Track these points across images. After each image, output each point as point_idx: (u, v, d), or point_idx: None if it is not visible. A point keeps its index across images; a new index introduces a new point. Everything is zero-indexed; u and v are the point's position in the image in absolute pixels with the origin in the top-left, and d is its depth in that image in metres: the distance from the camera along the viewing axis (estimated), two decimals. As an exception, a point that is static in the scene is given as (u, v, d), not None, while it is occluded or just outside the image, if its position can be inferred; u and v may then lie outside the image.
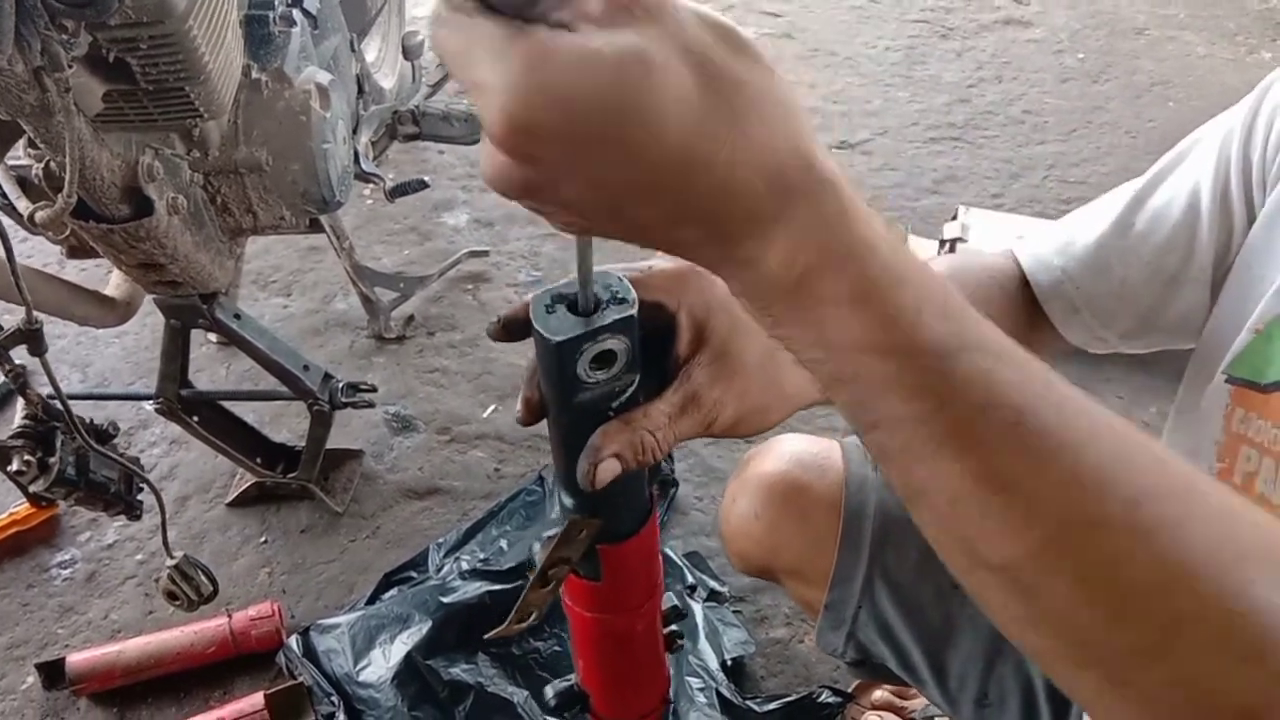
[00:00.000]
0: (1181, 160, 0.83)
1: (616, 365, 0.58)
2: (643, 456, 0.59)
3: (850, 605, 1.05)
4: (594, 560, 0.70)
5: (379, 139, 2.06)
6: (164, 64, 1.19)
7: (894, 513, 1.04)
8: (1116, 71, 3.22)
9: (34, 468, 1.28)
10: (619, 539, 0.70)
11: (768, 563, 1.14)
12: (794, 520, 1.08)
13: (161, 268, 1.41)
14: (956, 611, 1.03)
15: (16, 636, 1.74)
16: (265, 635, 1.66)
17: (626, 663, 0.84)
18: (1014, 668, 1.02)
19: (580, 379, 0.57)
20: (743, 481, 1.13)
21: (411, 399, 2.14)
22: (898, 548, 1.04)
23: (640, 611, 0.78)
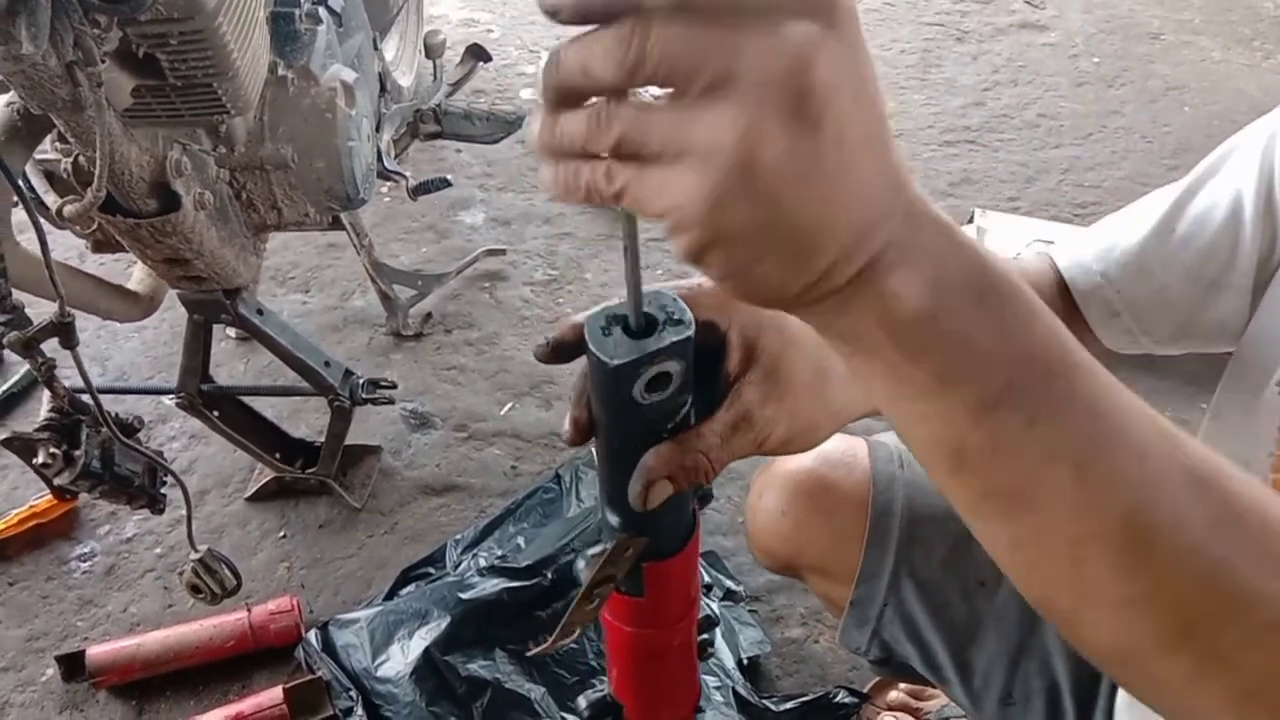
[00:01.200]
0: (1221, 165, 0.83)
1: (671, 387, 0.57)
2: (695, 478, 0.59)
3: (876, 603, 1.05)
4: (638, 577, 0.70)
5: (400, 137, 2.07)
6: (193, 60, 1.20)
7: (921, 510, 1.05)
8: (1132, 76, 3.22)
9: (59, 460, 1.29)
10: (664, 557, 0.70)
11: (793, 559, 1.15)
12: (820, 517, 1.08)
13: (187, 263, 1.42)
14: (982, 609, 1.03)
15: (36, 629, 1.75)
16: (284, 630, 1.67)
17: (662, 675, 0.84)
18: (1039, 666, 1.02)
19: (636, 401, 0.57)
20: (769, 478, 1.14)
21: (429, 396, 2.15)
22: (924, 545, 1.04)
23: (679, 627, 0.78)
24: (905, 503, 1.05)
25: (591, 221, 2.59)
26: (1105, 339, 0.89)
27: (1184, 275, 0.83)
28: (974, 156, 2.84)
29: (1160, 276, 0.84)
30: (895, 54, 3.29)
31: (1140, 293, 0.85)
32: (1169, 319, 0.86)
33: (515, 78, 3.11)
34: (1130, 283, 0.85)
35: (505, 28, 3.38)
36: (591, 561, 0.66)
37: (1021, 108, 3.06)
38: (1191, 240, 0.82)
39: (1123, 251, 0.86)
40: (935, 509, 1.05)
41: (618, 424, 0.60)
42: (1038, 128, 2.97)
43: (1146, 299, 0.85)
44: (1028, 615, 1.02)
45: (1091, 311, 0.88)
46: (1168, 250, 0.83)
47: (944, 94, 3.10)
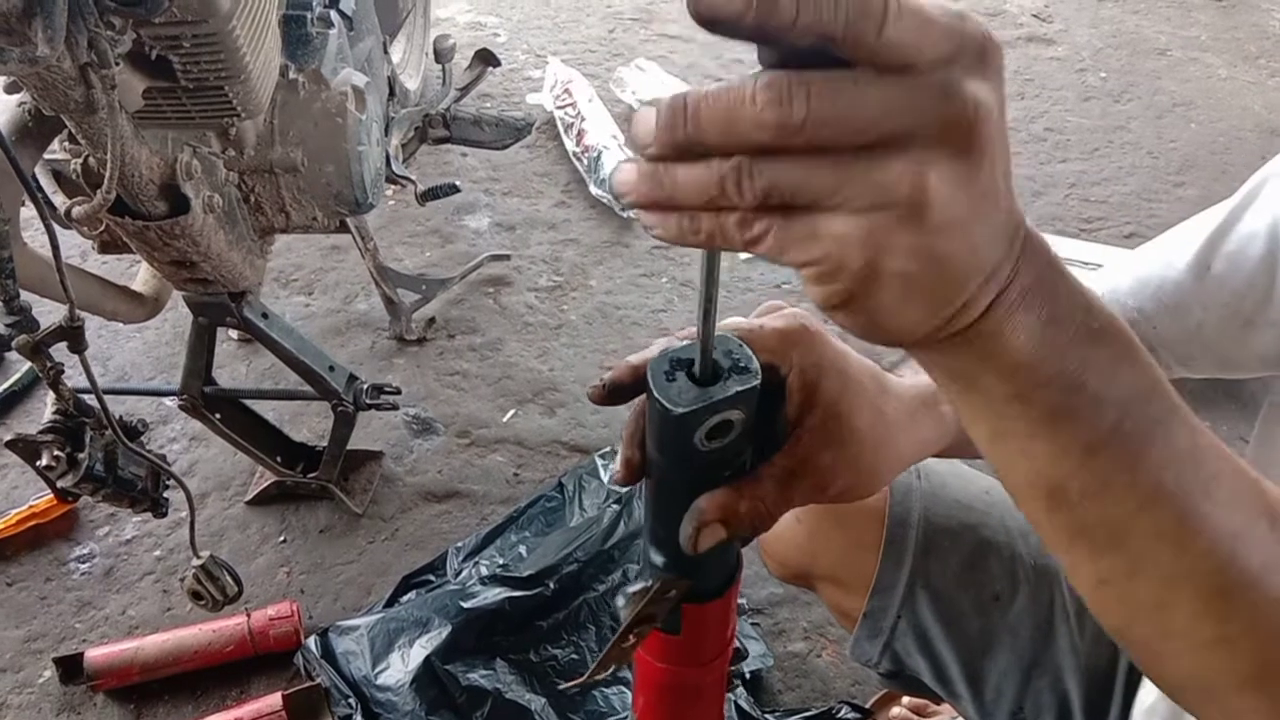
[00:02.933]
0: (1256, 196, 0.81)
1: (733, 434, 0.57)
2: (750, 525, 0.58)
3: (890, 614, 1.04)
4: (676, 616, 0.69)
5: (409, 141, 2.06)
6: (205, 63, 1.19)
7: (938, 522, 1.04)
8: (1139, 91, 3.22)
9: (63, 463, 1.28)
10: (705, 599, 0.69)
11: (807, 569, 1.14)
12: (835, 526, 1.07)
13: (194, 265, 1.42)
14: (996, 623, 1.03)
15: (34, 630, 1.74)
16: (283, 635, 1.66)
17: (690, 712, 0.82)
18: (1050, 682, 1.01)
19: (695, 448, 0.56)
20: None
21: (432, 401, 2.14)
22: (940, 557, 1.03)
23: (712, 665, 0.77)
24: (922, 514, 1.04)
25: (596, 228, 2.58)
26: None
27: (1220, 313, 0.82)
28: (980, 169, 2.84)
29: (1196, 314, 0.83)
30: (902, 65, 3.28)
31: (1177, 330, 0.85)
32: (1206, 355, 0.86)
33: (522, 82, 3.10)
34: (1166, 321, 0.85)
35: (512, 32, 3.37)
36: (633, 600, 0.65)
37: (1028, 121, 3.05)
38: (1228, 278, 0.81)
39: (1158, 288, 0.85)
40: (952, 521, 1.04)
41: (674, 469, 0.59)
42: (1044, 141, 2.97)
43: (1183, 336, 0.85)
44: (1041, 630, 1.02)
45: None
46: (1204, 289, 0.83)
47: (950, 106, 3.10)
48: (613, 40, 3.34)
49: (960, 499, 1.06)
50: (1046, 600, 1.02)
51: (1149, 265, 0.87)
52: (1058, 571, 1.03)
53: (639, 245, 2.54)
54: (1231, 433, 2.10)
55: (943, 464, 1.11)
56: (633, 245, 2.54)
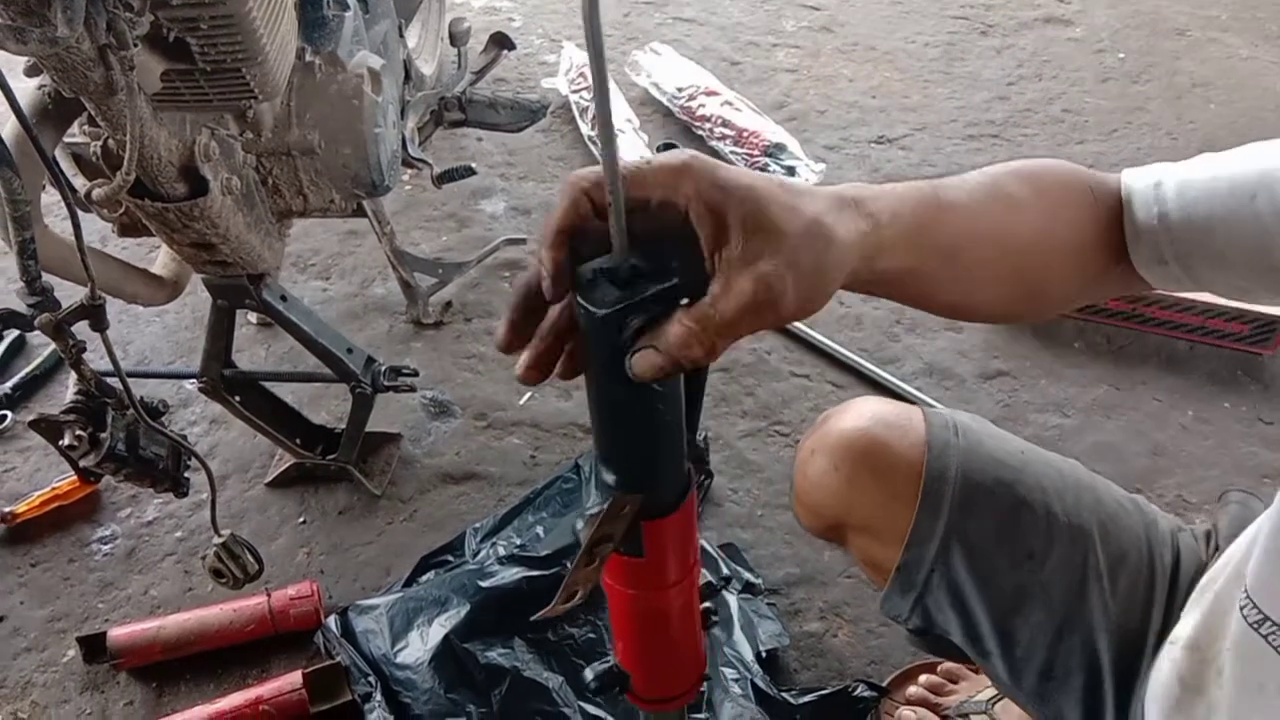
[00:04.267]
0: None
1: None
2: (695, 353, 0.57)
3: (924, 568, 1.04)
4: (636, 536, 0.70)
5: (425, 124, 2.07)
6: (222, 44, 1.20)
7: (975, 478, 1.04)
8: (1157, 72, 3.19)
9: (85, 443, 1.30)
10: (660, 514, 0.70)
11: (841, 518, 1.14)
12: (873, 476, 1.07)
13: (213, 247, 1.43)
14: (1029, 581, 1.03)
15: (58, 609, 1.76)
16: (303, 615, 1.68)
17: (666, 640, 0.84)
18: (1081, 641, 1.02)
19: (624, 351, 0.57)
20: (821, 437, 1.13)
21: (449, 384, 2.15)
22: (977, 514, 1.03)
23: (680, 587, 0.78)
24: (959, 469, 1.04)
25: (612, 212, 2.58)
26: (1147, 276, 0.82)
27: (1246, 250, 0.76)
28: (997, 151, 2.83)
29: (1220, 243, 0.77)
30: (919, 47, 3.27)
31: (1196, 253, 0.78)
32: (1222, 281, 0.80)
33: (537, 66, 3.11)
34: (1188, 240, 0.78)
35: (527, 16, 3.37)
36: (590, 521, 0.66)
37: (1046, 102, 3.03)
38: (1265, 217, 0.74)
39: (1192, 202, 0.77)
40: (988, 477, 1.04)
41: (607, 375, 0.59)
42: (1062, 123, 2.95)
43: (1201, 260, 0.78)
44: (1074, 589, 1.02)
45: (1139, 253, 0.81)
46: (1237, 221, 0.75)
47: (968, 88, 3.08)
48: (628, 24, 3.34)
49: (997, 456, 1.07)
50: (1080, 560, 1.03)
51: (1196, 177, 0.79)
52: (1092, 530, 1.03)
53: (655, 228, 2.54)
54: (1250, 414, 2.10)
55: (977, 423, 1.12)
56: (648, 228, 2.54)
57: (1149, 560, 1.04)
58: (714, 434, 2.02)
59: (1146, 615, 1.02)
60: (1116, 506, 1.07)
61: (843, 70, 3.14)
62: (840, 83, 3.09)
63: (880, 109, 2.98)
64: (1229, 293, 0.82)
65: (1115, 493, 1.10)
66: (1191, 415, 2.11)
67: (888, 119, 2.94)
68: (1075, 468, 1.11)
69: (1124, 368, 2.19)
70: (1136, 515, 1.07)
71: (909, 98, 3.03)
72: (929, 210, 0.70)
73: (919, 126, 2.91)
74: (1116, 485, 1.12)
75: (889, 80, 3.11)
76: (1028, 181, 0.78)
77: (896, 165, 2.76)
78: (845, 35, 3.32)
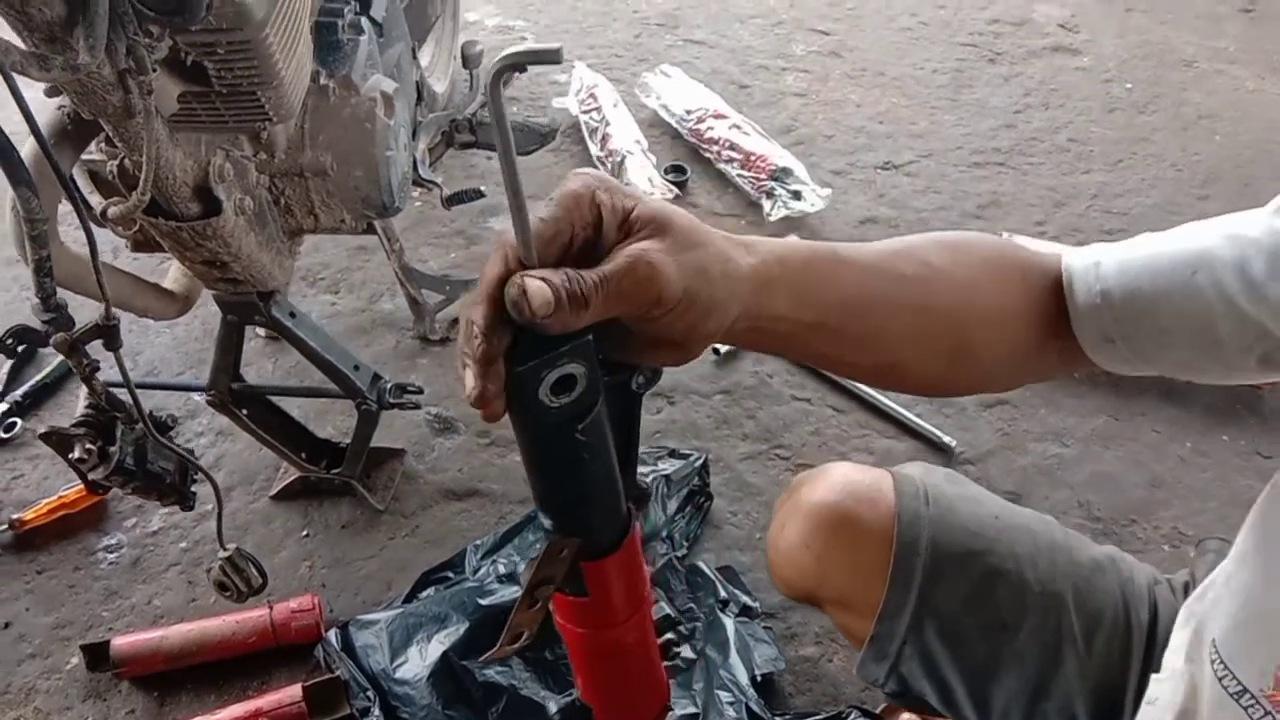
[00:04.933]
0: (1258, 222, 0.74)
1: (578, 389, 0.60)
2: (570, 285, 0.57)
3: (896, 639, 1.06)
4: (578, 577, 0.72)
5: (435, 145, 2.10)
6: (239, 69, 1.22)
7: (945, 548, 1.05)
8: (1164, 103, 3.21)
9: (94, 456, 1.32)
10: (599, 555, 0.72)
11: (814, 592, 1.16)
12: (844, 551, 1.09)
13: (224, 265, 1.45)
14: (1002, 650, 1.04)
15: (63, 617, 1.78)
16: (304, 628, 1.70)
17: (622, 675, 0.85)
18: (1058, 707, 1.03)
19: (544, 405, 0.59)
20: (792, 508, 1.14)
21: (453, 400, 2.17)
22: (948, 584, 1.05)
23: (629, 624, 0.79)
24: (930, 540, 1.05)
25: (619, 232, 2.61)
26: (1095, 358, 0.81)
27: (1189, 325, 0.75)
28: (1003, 179, 2.85)
29: (1164, 319, 0.76)
30: (928, 73, 3.29)
31: (1140, 328, 0.77)
32: (1168, 358, 0.79)
33: (548, 85, 3.13)
34: (1131, 317, 0.77)
35: (539, 35, 3.40)
36: (529, 564, 0.68)
37: (1052, 131, 3.06)
38: (1205, 292, 0.74)
39: (1134, 280, 0.77)
40: (959, 548, 1.05)
41: (529, 427, 0.62)
42: (1067, 152, 2.98)
43: (1145, 336, 0.78)
44: (1048, 656, 1.03)
45: (1084, 333, 0.80)
46: (1178, 296, 0.75)
47: (975, 115, 3.11)
48: (638, 45, 3.37)
49: (968, 525, 1.07)
50: (1054, 626, 1.04)
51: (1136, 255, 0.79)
52: (1066, 595, 1.04)
53: (661, 249, 2.56)
54: (1249, 447, 2.11)
55: (951, 484, 1.13)
56: (655, 249, 2.56)
57: (1125, 618, 1.05)
58: (715, 456, 2.04)
59: (1124, 673, 1.03)
60: (1092, 566, 1.08)
61: (851, 95, 3.17)
62: (848, 107, 3.12)
63: (887, 135, 3.01)
64: (1178, 371, 0.80)
65: (1090, 550, 1.11)
66: (1190, 447, 2.12)
67: (894, 145, 2.96)
68: (1049, 526, 1.12)
69: (1123, 398, 2.21)
70: (1112, 573, 1.08)
71: (916, 124, 3.06)
72: (823, 262, 0.71)
73: (925, 153, 2.93)
74: (1090, 540, 1.13)
75: (896, 106, 3.14)
76: (946, 248, 0.78)
77: (902, 191, 2.78)
78: (854, 60, 3.34)
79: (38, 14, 0.99)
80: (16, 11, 0.99)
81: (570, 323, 0.57)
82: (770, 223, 2.59)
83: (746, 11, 3.56)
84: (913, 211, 2.71)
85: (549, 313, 0.56)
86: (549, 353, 0.58)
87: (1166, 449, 2.12)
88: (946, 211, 2.72)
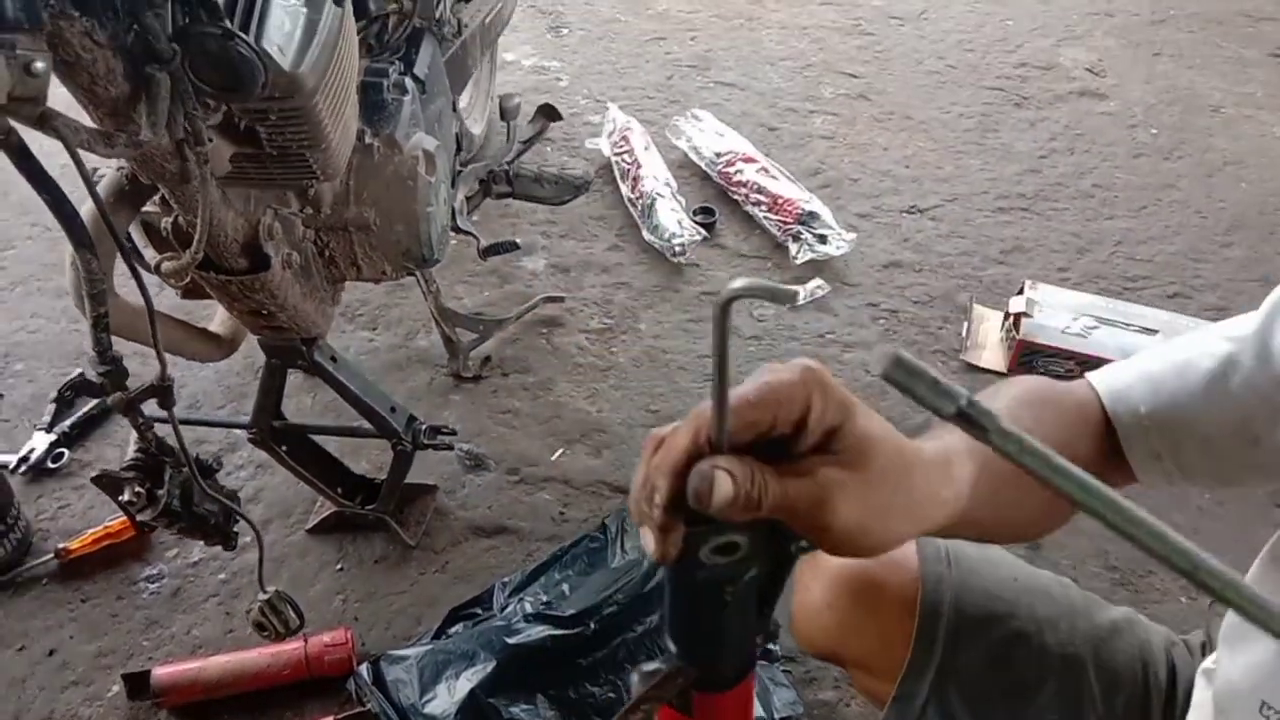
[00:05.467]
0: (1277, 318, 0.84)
1: (738, 554, 0.61)
2: (751, 489, 0.55)
3: (919, 699, 1.08)
4: (688, 699, 0.72)
5: (474, 195, 2.16)
6: (290, 133, 1.29)
7: (968, 611, 1.08)
8: (1190, 149, 3.24)
9: (143, 499, 1.38)
10: (715, 689, 0.71)
11: (836, 651, 1.19)
12: (866, 614, 1.11)
13: (270, 315, 1.52)
14: (1023, 712, 1.07)
15: (105, 645, 1.84)
16: (337, 661, 1.75)
17: None
18: None
19: (700, 561, 0.60)
20: (815, 570, 1.17)
21: (484, 438, 2.23)
22: (970, 647, 1.07)
23: None
24: (953, 604, 1.08)
25: (647, 272, 2.67)
26: (1143, 477, 0.90)
27: (1229, 431, 0.84)
28: (1027, 224, 2.89)
29: (1204, 428, 0.86)
30: (954, 117, 3.34)
31: (1184, 442, 0.86)
32: (1210, 468, 0.88)
33: (582, 126, 3.20)
34: (1175, 431, 0.86)
35: (574, 77, 3.48)
36: (644, 679, 0.69)
37: (1077, 177, 3.09)
38: (1241, 398, 0.83)
39: (1171, 396, 0.87)
40: (982, 611, 1.08)
41: (681, 577, 0.64)
42: (1092, 198, 3.01)
43: (1189, 448, 0.87)
44: (1069, 718, 1.06)
45: (1134, 453, 0.89)
46: (1217, 407, 0.85)
47: (1000, 160, 3.15)
48: (670, 86, 3.43)
49: (990, 588, 1.10)
50: (1074, 688, 1.07)
51: (1162, 371, 0.89)
52: (1086, 658, 1.08)
53: (688, 290, 2.62)
54: (1267, 499, 2.13)
55: (972, 549, 1.15)
56: (682, 290, 2.62)
57: (1144, 680, 1.08)
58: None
59: None
60: (1110, 628, 1.11)
61: (877, 139, 3.22)
62: (875, 151, 3.17)
63: (913, 178, 3.05)
64: (1216, 483, 0.91)
65: (1108, 613, 1.14)
66: (1209, 498, 2.15)
67: (920, 189, 3.01)
68: (1067, 589, 1.15)
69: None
70: (1129, 635, 1.11)
71: (942, 168, 3.10)
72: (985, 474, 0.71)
73: (950, 197, 2.97)
74: (1105, 602, 1.17)
75: (923, 150, 3.18)
76: (1026, 407, 0.86)
77: (926, 235, 2.82)
78: (882, 103, 3.39)
79: (104, 92, 1.06)
80: (84, 90, 1.06)
81: (736, 518, 0.57)
82: (795, 265, 2.64)
83: (777, 54, 3.63)
84: (936, 256, 2.75)
85: (723, 509, 0.55)
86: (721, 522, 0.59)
87: (1186, 498, 2.14)
88: (970, 256, 2.76)
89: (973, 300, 2.58)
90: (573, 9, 3.86)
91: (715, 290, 2.59)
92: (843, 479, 0.58)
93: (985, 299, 2.60)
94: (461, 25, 2.12)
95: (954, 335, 2.51)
